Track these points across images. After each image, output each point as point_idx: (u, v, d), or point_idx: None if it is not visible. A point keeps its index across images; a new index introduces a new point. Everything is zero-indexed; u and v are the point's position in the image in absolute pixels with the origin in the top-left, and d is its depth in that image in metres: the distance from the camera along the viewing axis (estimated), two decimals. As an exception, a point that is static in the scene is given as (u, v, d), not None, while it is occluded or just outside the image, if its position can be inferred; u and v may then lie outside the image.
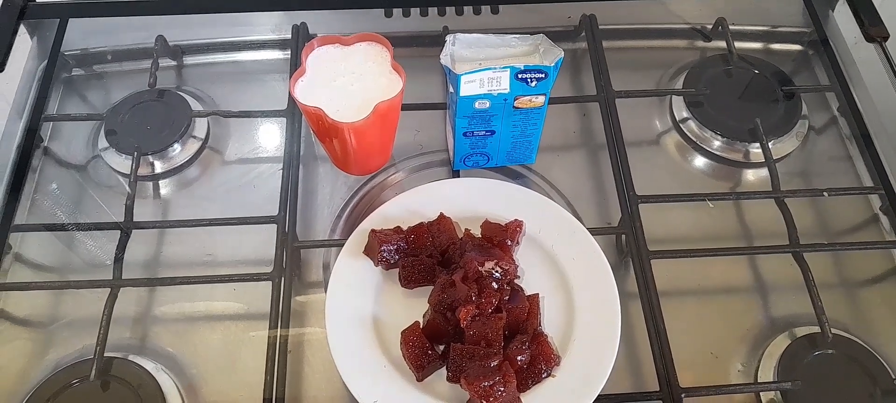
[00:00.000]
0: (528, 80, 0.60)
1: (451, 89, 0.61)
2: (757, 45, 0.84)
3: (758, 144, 0.73)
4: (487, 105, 0.61)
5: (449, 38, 0.60)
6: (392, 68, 0.62)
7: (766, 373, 0.60)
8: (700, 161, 0.75)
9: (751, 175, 0.74)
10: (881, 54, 0.78)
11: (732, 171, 0.74)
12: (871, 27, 0.79)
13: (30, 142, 0.73)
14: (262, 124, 0.76)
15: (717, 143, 0.75)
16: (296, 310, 0.63)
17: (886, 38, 0.78)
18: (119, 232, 0.66)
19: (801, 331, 0.62)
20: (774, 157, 0.72)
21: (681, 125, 0.76)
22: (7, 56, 0.75)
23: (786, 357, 0.60)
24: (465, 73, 0.58)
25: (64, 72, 0.80)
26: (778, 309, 0.65)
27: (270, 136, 0.75)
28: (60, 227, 0.68)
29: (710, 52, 0.82)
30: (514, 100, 0.61)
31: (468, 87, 0.59)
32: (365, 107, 0.58)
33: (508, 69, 0.59)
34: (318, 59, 0.62)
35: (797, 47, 0.85)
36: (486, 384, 0.52)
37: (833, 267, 0.68)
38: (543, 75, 0.59)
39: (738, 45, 0.81)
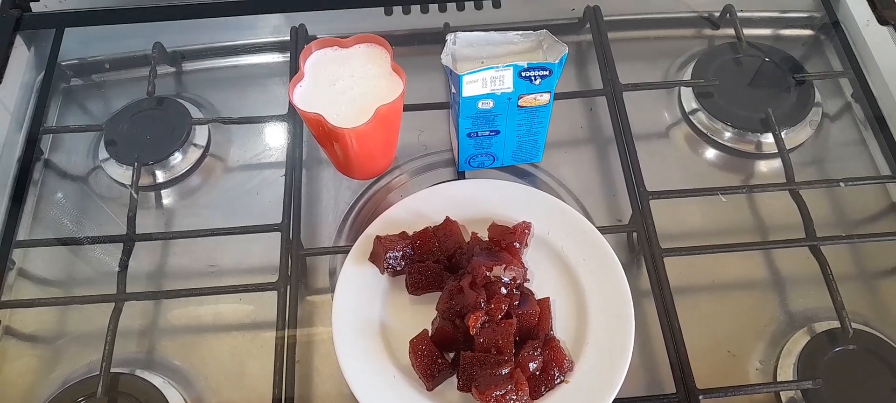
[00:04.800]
0: (532, 78, 0.58)
1: (454, 90, 0.59)
2: (766, 32, 0.82)
3: (770, 134, 0.71)
4: (491, 105, 0.60)
5: (449, 37, 0.59)
6: (392, 70, 0.60)
7: (786, 371, 0.59)
8: (711, 153, 0.73)
9: (764, 166, 0.72)
10: (895, 36, 0.76)
11: (745, 163, 0.73)
12: (885, 9, 0.76)
13: (30, 155, 0.72)
14: (264, 129, 0.75)
15: (728, 135, 0.73)
16: (304, 318, 0.62)
17: (901, 19, 0.76)
18: (122, 244, 0.65)
19: (821, 327, 0.61)
20: (788, 147, 0.70)
21: (690, 117, 0.75)
22: (4, 68, 0.74)
23: (805, 354, 0.59)
24: (467, 74, 0.57)
25: (62, 83, 0.79)
26: (796, 305, 0.63)
27: (272, 141, 0.74)
28: (63, 242, 0.68)
29: (719, 41, 0.80)
30: (519, 98, 0.60)
31: (470, 88, 0.58)
32: (366, 112, 0.57)
33: (511, 68, 0.57)
34: (317, 63, 0.61)
35: (808, 32, 0.83)
36: (498, 393, 0.51)
37: (851, 259, 0.66)
38: (548, 72, 0.58)
39: (747, 31, 0.79)
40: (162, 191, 0.72)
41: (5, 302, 0.64)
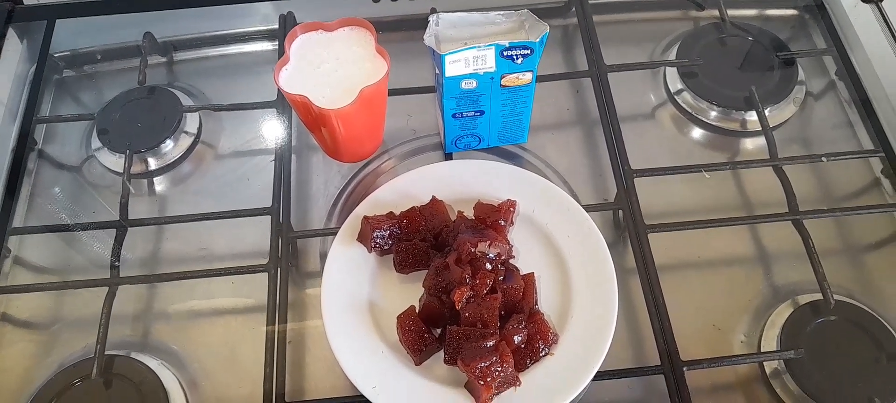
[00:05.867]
0: (514, 58, 0.59)
1: (437, 70, 0.60)
2: (751, 12, 0.83)
3: (754, 112, 0.72)
4: (474, 85, 0.61)
5: (432, 17, 0.60)
6: (376, 52, 0.61)
7: (770, 343, 0.60)
8: (696, 132, 0.74)
9: (749, 144, 0.73)
10: (878, 15, 0.76)
11: (730, 141, 0.74)
12: (868, -12, 0.77)
13: (23, 145, 0.73)
14: (254, 116, 0.76)
15: (713, 114, 0.74)
16: (295, 300, 0.63)
17: (883, -2, 0.77)
18: (115, 230, 0.66)
19: (804, 299, 0.62)
20: (772, 125, 0.71)
21: (675, 97, 0.75)
22: (-3, 60, 0.75)
23: (788, 326, 0.60)
24: (450, 53, 0.57)
25: (54, 74, 0.80)
26: (779, 278, 0.64)
27: (262, 128, 0.75)
28: (57, 228, 0.69)
29: (704, 21, 0.81)
30: (501, 78, 0.61)
31: (453, 67, 0.59)
32: (350, 93, 0.58)
33: (493, 47, 0.58)
34: (302, 46, 0.62)
35: (792, 12, 0.84)
36: (483, 364, 0.52)
37: (835, 233, 0.67)
38: (529, 51, 0.59)
39: (731, 12, 0.79)
40: (154, 179, 0.73)
41: (1, 288, 0.65)
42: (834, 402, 0.56)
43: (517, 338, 0.55)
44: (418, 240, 0.60)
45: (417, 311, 0.58)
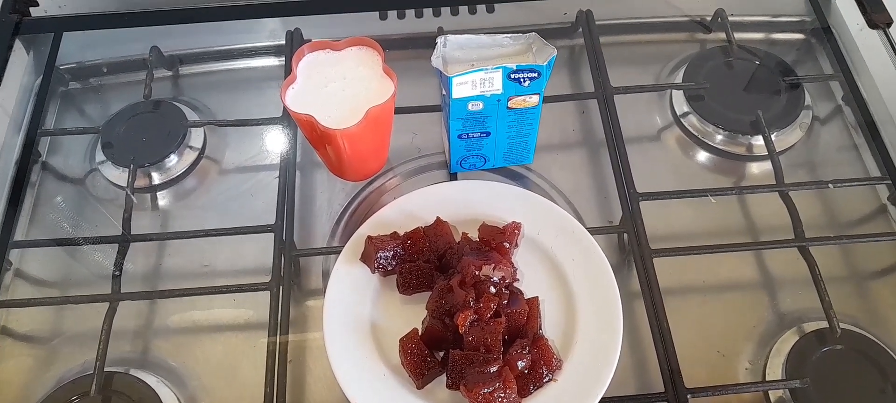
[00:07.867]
0: (521, 80, 0.59)
1: (444, 92, 0.60)
2: (758, 36, 0.83)
3: (760, 137, 0.71)
4: (481, 106, 0.61)
5: (440, 39, 0.60)
6: (383, 72, 0.61)
7: (775, 371, 0.59)
8: (702, 156, 0.74)
9: (754, 168, 0.73)
10: (885, 41, 0.76)
11: (736, 165, 0.73)
12: (874, 13, 0.77)
13: (27, 157, 0.73)
14: (259, 132, 0.76)
15: (719, 137, 0.74)
16: (296, 319, 0.63)
17: (890, 23, 0.77)
18: (117, 245, 0.66)
19: (810, 327, 0.61)
20: (778, 149, 0.70)
21: (682, 120, 0.75)
22: (3, 71, 0.75)
23: (794, 354, 0.59)
24: (457, 75, 0.57)
25: (60, 86, 0.80)
26: (785, 305, 0.64)
27: (267, 144, 0.75)
28: (59, 242, 0.68)
29: (710, 44, 0.81)
30: (508, 100, 0.60)
31: (460, 89, 0.58)
32: (357, 113, 0.58)
33: (500, 69, 0.58)
34: (309, 65, 0.62)
35: (799, 36, 0.84)
36: (487, 390, 0.52)
37: (841, 260, 0.66)
38: (536, 74, 0.59)
39: (738, 35, 0.79)
40: (158, 193, 0.72)
41: (1, 301, 0.65)
42: (840, 433, 0.56)
43: (521, 364, 0.54)
44: (422, 262, 0.60)
45: (420, 334, 0.57)
